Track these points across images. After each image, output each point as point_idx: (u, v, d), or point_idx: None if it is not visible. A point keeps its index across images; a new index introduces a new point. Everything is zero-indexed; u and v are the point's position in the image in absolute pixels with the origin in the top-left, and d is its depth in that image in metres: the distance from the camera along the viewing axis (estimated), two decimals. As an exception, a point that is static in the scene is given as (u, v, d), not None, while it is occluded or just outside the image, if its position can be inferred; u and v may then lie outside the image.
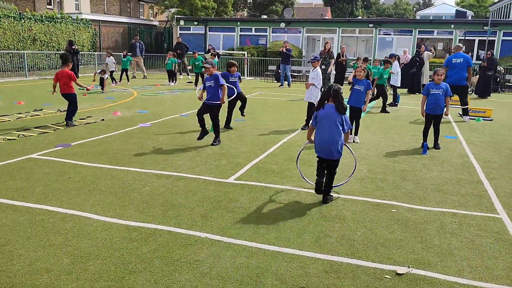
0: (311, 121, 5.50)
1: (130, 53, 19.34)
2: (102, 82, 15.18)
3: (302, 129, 9.42)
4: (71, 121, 9.12)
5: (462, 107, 11.54)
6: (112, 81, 15.88)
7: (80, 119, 9.74)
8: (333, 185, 5.23)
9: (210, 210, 4.69)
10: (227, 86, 8.18)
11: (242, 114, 9.60)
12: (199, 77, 17.89)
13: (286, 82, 19.72)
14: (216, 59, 18.95)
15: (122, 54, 18.99)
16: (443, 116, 7.90)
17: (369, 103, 10.37)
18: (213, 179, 5.75)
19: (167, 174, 5.93)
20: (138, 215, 4.52)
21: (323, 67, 14.23)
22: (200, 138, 7.73)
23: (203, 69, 7.67)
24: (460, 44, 12.26)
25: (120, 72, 18.66)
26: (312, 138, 5.23)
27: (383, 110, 12.44)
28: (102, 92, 14.96)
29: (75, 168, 6.09)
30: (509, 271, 3.59)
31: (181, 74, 22.03)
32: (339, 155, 5.03)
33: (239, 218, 4.51)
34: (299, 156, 5.98)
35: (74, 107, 9.25)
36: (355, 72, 8.18)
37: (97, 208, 4.68)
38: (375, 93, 12.60)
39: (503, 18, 34.03)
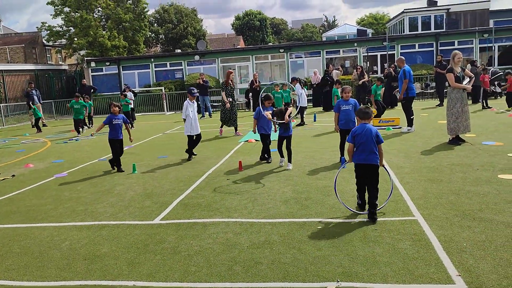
0: (254, 115, 8.86)
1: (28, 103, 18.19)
2: None
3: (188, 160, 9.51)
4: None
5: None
6: None
7: (-12, 177, 9.02)
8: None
9: (136, 256, 4.52)
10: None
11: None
12: (79, 124, 15.95)
13: (207, 113, 19.83)
14: (132, 97, 18.65)
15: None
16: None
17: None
18: (138, 223, 5.55)
19: (88, 224, 5.64)
20: (58, 273, 4.22)
21: None
22: None
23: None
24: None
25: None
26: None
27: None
28: None
29: (-16, 232, 5.59)
30: (428, 269, 3.82)
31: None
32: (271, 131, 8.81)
33: (168, 259, 4.38)
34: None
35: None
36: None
37: (11, 273, 4.31)
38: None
39: (399, 33, 37.04)
